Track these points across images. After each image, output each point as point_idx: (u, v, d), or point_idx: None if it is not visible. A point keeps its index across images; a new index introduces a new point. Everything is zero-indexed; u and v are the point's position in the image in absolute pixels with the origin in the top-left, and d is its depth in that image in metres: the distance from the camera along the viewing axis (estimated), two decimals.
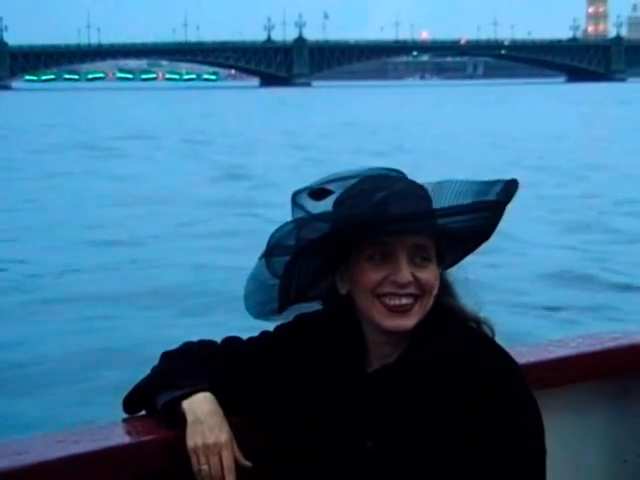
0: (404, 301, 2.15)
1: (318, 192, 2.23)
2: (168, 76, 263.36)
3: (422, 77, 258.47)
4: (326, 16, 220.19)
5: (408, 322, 2.16)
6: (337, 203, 2.19)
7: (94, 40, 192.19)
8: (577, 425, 2.98)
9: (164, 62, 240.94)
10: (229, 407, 2.32)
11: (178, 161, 32.29)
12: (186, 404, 2.28)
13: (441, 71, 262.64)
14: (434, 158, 30.66)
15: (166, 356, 2.41)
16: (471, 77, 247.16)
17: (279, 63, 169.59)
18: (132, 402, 2.38)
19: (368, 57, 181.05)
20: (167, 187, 24.33)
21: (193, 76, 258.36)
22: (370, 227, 2.14)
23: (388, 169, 2.28)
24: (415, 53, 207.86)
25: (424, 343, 2.18)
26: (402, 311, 2.16)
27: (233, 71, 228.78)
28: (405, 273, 2.15)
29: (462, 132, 44.85)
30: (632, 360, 2.99)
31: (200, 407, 2.28)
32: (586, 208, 20.18)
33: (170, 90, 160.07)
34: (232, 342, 2.42)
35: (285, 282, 2.24)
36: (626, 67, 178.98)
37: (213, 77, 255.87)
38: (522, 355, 2.72)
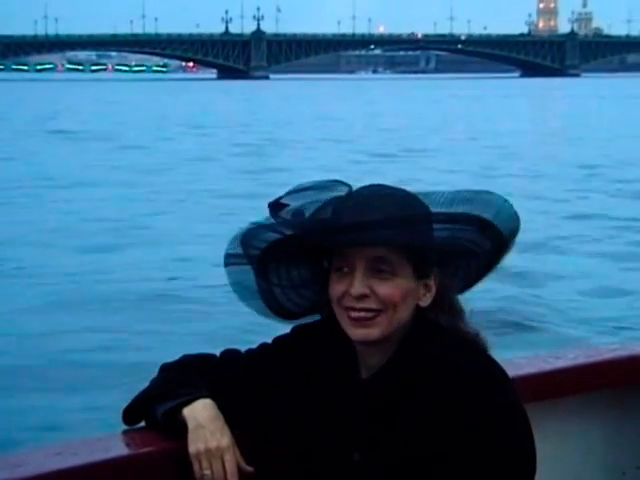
0: (362, 314, 2.15)
1: (275, 205, 2.23)
2: (118, 67, 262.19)
3: (375, 71, 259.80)
4: (279, 9, 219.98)
5: (371, 332, 2.15)
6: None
7: (51, 31, 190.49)
8: (575, 437, 2.98)
9: (113, 53, 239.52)
10: (227, 415, 2.32)
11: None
12: (187, 411, 2.28)
13: (393, 65, 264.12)
14: None
15: (165, 368, 2.41)
16: (424, 71, 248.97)
17: (237, 56, 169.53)
18: (131, 413, 2.37)
19: (326, 50, 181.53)
20: None
21: (143, 68, 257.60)
22: (307, 236, 2.18)
23: (337, 180, 2.26)
24: (372, 47, 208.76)
25: (409, 354, 2.17)
26: (364, 322, 2.16)
27: (184, 63, 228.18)
28: (357, 286, 2.14)
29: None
30: (630, 372, 2.98)
31: (201, 413, 2.28)
32: None
33: (131, 82, 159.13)
34: (231, 354, 2.42)
35: (266, 289, 2.29)
36: (580, 62, 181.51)
37: (163, 69, 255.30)
38: (520, 367, 2.76)
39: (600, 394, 2.97)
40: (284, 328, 2.40)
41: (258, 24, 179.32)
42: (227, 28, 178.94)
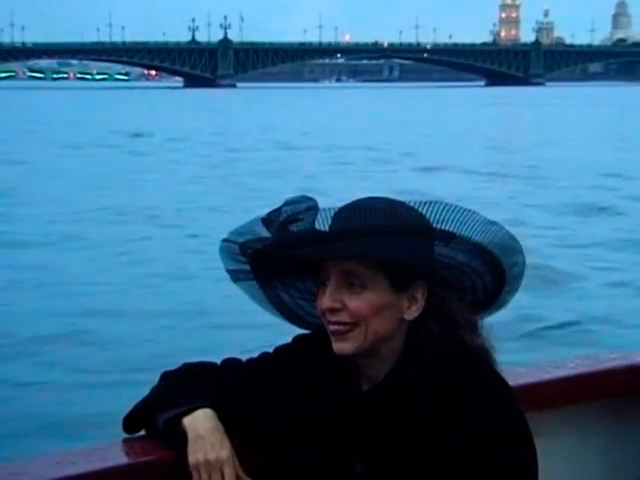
0: (336, 327, 2.16)
1: (266, 221, 2.25)
2: (79, 75, 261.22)
3: (338, 79, 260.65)
4: (242, 19, 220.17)
5: (346, 346, 2.16)
6: None
7: (18, 39, 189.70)
8: (575, 446, 2.96)
9: (74, 61, 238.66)
10: (227, 424, 2.32)
11: None
12: (187, 421, 2.28)
13: (357, 74, 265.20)
14: None
15: (166, 376, 2.41)
16: (387, 80, 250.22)
17: (204, 64, 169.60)
18: (132, 422, 2.37)
19: (293, 59, 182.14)
20: None
21: (106, 76, 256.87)
22: (269, 252, 2.22)
23: (304, 195, 2.26)
24: (339, 55, 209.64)
25: (407, 368, 2.17)
26: (339, 335, 2.17)
27: (146, 71, 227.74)
28: (326, 299, 2.15)
29: None
30: (630, 381, 2.97)
31: (201, 423, 2.28)
32: None
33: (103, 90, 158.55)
34: (232, 363, 2.42)
35: (277, 300, 2.35)
36: (544, 71, 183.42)
37: (125, 77, 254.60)
38: (520, 376, 2.74)
39: (600, 403, 2.97)
40: None
41: (225, 33, 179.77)
42: (194, 36, 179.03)
